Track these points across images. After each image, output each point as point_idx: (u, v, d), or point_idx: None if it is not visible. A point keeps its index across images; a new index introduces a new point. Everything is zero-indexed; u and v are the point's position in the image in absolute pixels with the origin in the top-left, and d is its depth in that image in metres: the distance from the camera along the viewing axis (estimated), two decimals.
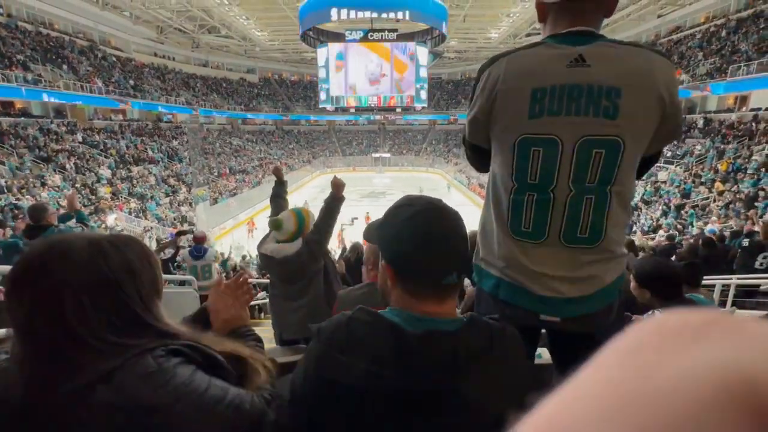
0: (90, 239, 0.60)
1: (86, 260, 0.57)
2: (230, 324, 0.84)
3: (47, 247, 0.57)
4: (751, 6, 17.99)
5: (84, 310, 0.55)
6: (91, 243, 0.59)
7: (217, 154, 27.02)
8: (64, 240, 0.58)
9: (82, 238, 0.59)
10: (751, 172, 12.30)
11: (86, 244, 0.58)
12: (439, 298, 0.68)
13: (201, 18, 23.60)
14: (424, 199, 0.70)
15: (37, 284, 0.55)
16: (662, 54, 0.88)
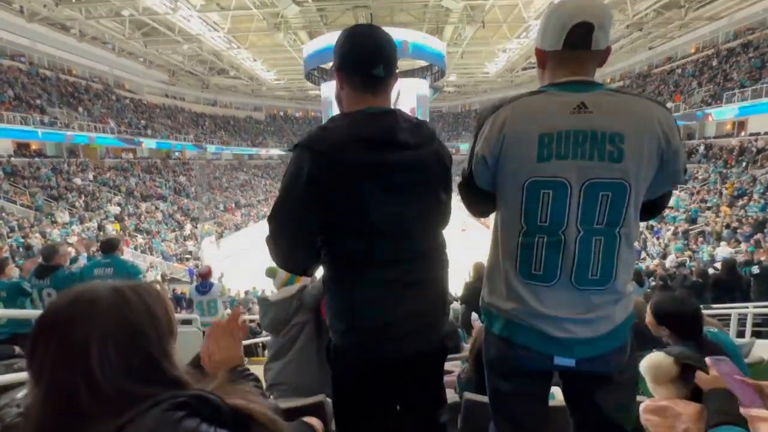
0: (114, 287, 0.61)
1: (112, 308, 0.58)
2: (224, 365, 0.83)
3: (75, 296, 0.59)
4: (738, 36, 18.68)
5: (108, 360, 0.55)
6: (115, 291, 0.61)
7: (224, 189, 27.50)
8: (90, 289, 0.60)
9: (106, 287, 0.61)
10: (756, 197, 12.24)
11: (111, 292, 0.60)
12: (372, 89, 0.97)
13: (211, 61, 24.84)
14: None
15: (65, 333, 0.55)
16: (659, 102, 0.93)
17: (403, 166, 0.95)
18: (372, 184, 0.93)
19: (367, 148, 0.92)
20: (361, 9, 18.14)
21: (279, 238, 0.99)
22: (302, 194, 0.91)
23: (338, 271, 1.01)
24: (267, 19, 17.86)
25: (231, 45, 20.83)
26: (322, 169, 0.90)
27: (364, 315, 0.98)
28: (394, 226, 0.96)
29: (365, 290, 0.98)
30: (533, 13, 17.96)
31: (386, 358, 1.01)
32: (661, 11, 18.16)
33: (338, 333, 1.02)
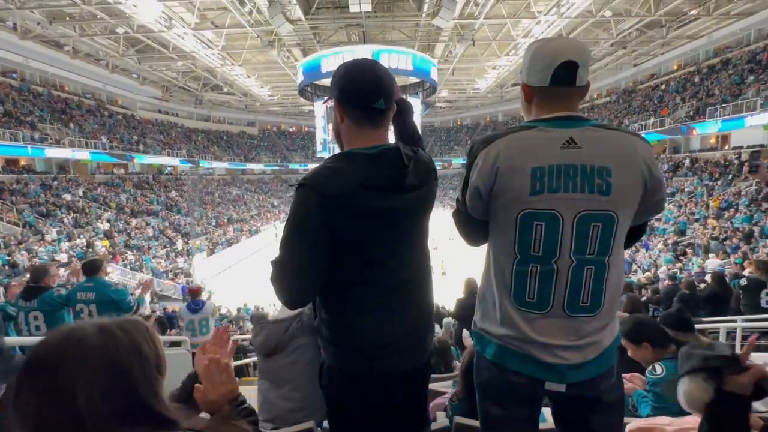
0: (101, 326, 0.61)
1: (99, 349, 0.58)
2: (221, 402, 0.82)
3: (62, 337, 0.58)
4: (718, 54, 19.39)
5: (95, 402, 0.55)
6: (102, 330, 0.60)
7: (216, 204, 27.34)
8: (77, 328, 0.60)
9: (93, 326, 0.60)
10: (742, 208, 12.50)
11: (98, 331, 0.59)
12: (373, 122, 1.01)
13: (205, 77, 25.04)
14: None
15: (52, 376, 0.55)
16: (639, 136, 0.98)
17: (409, 207, 1.03)
18: (377, 225, 0.99)
19: (377, 194, 0.97)
20: (353, 27, 18.53)
21: (287, 278, 1.01)
22: (312, 236, 0.95)
23: (333, 295, 1.06)
24: (261, 37, 18.13)
25: (225, 62, 21.05)
26: (331, 213, 0.93)
27: (360, 336, 1.04)
28: (392, 256, 1.03)
29: (360, 313, 1.03)
30: (521, 31, 18.49)
31: (379, 377, 1.05)
32: (643, 30, 18.82)
33: (332, 354, 1.07)
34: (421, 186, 1.04)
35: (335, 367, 1.08)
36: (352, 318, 1.04)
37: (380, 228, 0.99)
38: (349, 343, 1.05)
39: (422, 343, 1.12)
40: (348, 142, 1.04)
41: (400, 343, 1.06)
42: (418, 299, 1.10)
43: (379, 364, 1.05)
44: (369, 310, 1.03)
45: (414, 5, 16.68)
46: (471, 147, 1.05)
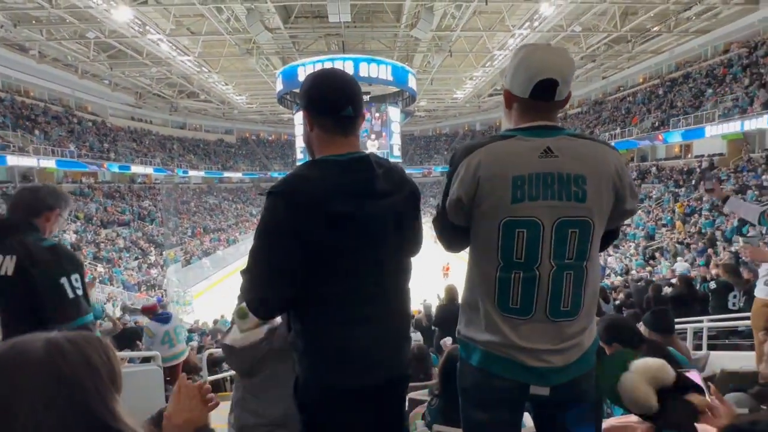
0: (48, 339, 0.58)
1: (43, 361, 0.55)
2: (187, 427, 0.79)
3: (6, 348, 0.56)
4: (679, 68, 20.57)
5: (38, 415, 0.52)
6: (48, 343, 0.57)
7: (192, 214, 26.60)
8: (23, 340, 0.57)
9: (39, 339, 0.58)
10: (706, 213, 13.17)
11: (44, 344, 0.57)
12: (343, 130, 1.01)
13: (180, 84, 24.52)
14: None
15: None
16: (610, 145, 1.03)
17: (380, 214, 1.00)
18: (349, 232, 0.97)
19: (346, 200, 0.95)
20: (333, 37, 18.63)
21: (257, 289, 1.00)
22: (281, 244, 0.94)
23: (307, 306, 1.02)
24: (239, 45, 17.97)
25: (202, 69, 20.71)
26: (301, 221, 0.92)
27: (335, 347, 1.01)
28: (367, 268, 1.01)
29: (335, 324, 1.00)
30: (496, 43, 19.07)
31: (356, 389, 1.02)
32: (611, 45, 19.77)
33: (306, 367, 1.03)
34: (393, 193, 1.03)
35: (311, 380, 1.04)
36: (326, 329, 1.01)
37: (352, 235, 0.97)
38: (324, 354, 1.02)
39: (399, 354, 1.10)
40: (319, 151, 1.04)
41: (377, 355, 1.03)
42: (394, 310, 1.08)
43: (355, 377, 1.02)
44: (343, 321, 1.00)
45: (393, 16, 16.96)
46: (452, 156, 1.06)
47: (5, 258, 1.13)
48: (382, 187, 1.00)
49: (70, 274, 1.19)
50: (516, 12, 16.33)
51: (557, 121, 1.04)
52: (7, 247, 1.14)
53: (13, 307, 1.12)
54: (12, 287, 1.11)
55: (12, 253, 1.14)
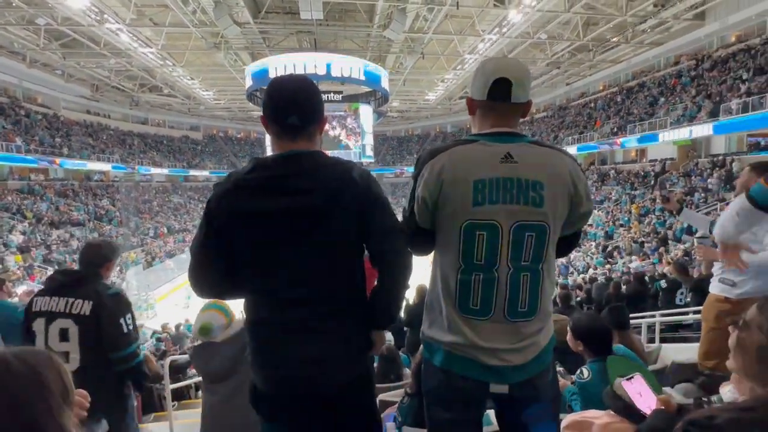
0: None
1: None
2: None
3: None
4: (636, 78, 21.89)
5: None
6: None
7: (154, 213, 25.39)
8: None
9: None
10: (658, 214, 14.07)
11: None
12: (290, 136, 1.03)
13: (142, 77, 23.33)
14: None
15: None
16: (568, 154, 1.07)
17: (291, 212, 0.97)
18: (259, 231, 0.98)
19: (252, 195, 0.98)
20: (305, 34, 18.36)
21: (191, 270, 1.07)
22: (206, 235, 1.02)
23: (247, 311, 1.06)
24: (206, 38, 17.33)
25: (165, 62, 19.81)
26: (214, 213, 1.00)
27: (265, 356, 1.04)
28: (286, 267, 1.00)
29: (265, 331, 1.03)
30: (467, 47, 19.50)
31: (292, 398, 1.03)
32: (574, 53, 20.72)
33: (254, 373, 1.07)
34: (312, 191, 0.97)
35: (256, 385, 1.07)
36: (253, 330, 1.05)
37: (260, 232, 0.98)
38: (257, 359, 1.05)
39: (332, 370, 1.03)
40: (273, 152, 1.08)
41: (303, 370, 1.00)
42: (323, 315, 1.01)
43: (286, 388, 1.02)
44: (266, 324, 1.03)
45: (365, 16, 16.94)
46: (418, 159, 1.09)
47: (84, 302, 1.57)
48: (297, 184, 0.97)
49: (125, 315, 1.63)
50: (486, 17, 16.76)
51: (517, 128, 1.07)
52: (84, 294, 1.59)
53: (87, 337, 1.55)
54: (87, 323, 1.56)
55: (88, 298, 1.58)
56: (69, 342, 1.53)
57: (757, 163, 2.04)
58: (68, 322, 1.53)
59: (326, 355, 1.01)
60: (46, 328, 1.54)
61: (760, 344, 0.68)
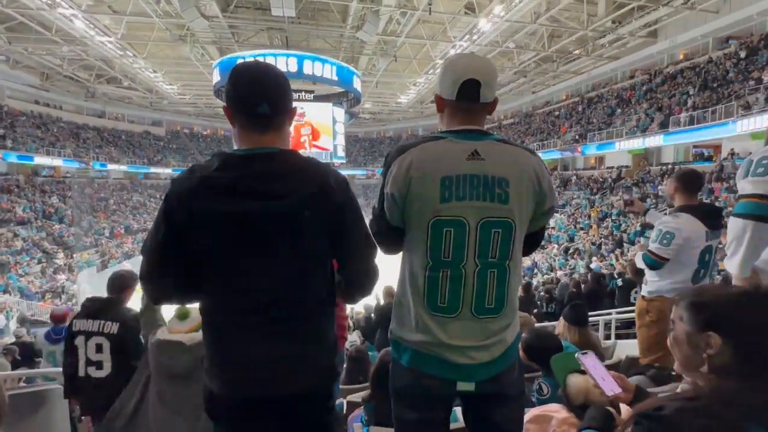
0: None
1: None
2: None
3: None
4: (595, 89, 23.15)
5: None
6: None
7: (111, 212, 23.94)
8: None
9: None
10: (614, 217, 14.91)
11: None
12: (258, 127, 0.95)
13: (99, 67, 21.96)
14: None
15: None
16: (532, 151, 1.08)
17: (262, 217, 0.90)
18: (224, 235, 0.91)
19: (217, 197, 0.89)
20: (276, 31, 18.00)
21: (144, 274, 0.98)
22: (163, 235, 0.93)
23: (206, 314, 0.99)
24: (170, 30, 16.57)
25: (125, 53, 18.76)
26: (173, 213, 0.91)
27: (223, 357, 0.97)
28: (254, 278, 0.93)
29: (224, 333, 0.97)
30: (439, 53, 19.84)
31: (254, 402, 0.97)
32: (539, 63, 21.63)
33: (209, 377, 0.99)
34: (284, 196, 0.90)
35: (213, 391, 0.98)
36: (212, 331, 0.99)
37: (227, 235, 0.90)
38: (213, 362, 0.98)
39: (288, 369, 0.98)
40: (238, 147, 0.99)
41: (255, 366, 0.95)
42: (289, 321, 0.96)
43: (248, 392, 0.96)
44: (227, 329, 0.96)
45: (339, 17, 16.84)
46: (386, 156, 1.08)
47: (112, 323, 2.04)
48: (268, 187, 0.90)
49: (141, 331, 1.98)
50: (457, 24, 17.14)
51: (484, 126, 1.09)
52: (112, 316, 2.07)
53: (116, 349, 2.03)
54: (115, 339, 2.03)
55: (115, 320, 2.05)
56: (103, 353, 2.02)
57: (678, 174, 2.24)
58: (102, 339, 2.03)
59: (283, 359, 0.96)
60: (85, 343, 2.03)
61: (686, 332, 0.72)
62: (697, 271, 2.12)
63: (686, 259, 2.10)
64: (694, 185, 2.19)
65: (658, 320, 2.22)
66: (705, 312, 0.70)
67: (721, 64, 15.36)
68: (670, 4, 14.03)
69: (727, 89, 13.77)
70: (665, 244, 2.09)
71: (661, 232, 2.12)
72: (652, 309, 2.26)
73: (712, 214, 2.14)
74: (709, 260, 2.13)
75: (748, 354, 0.64)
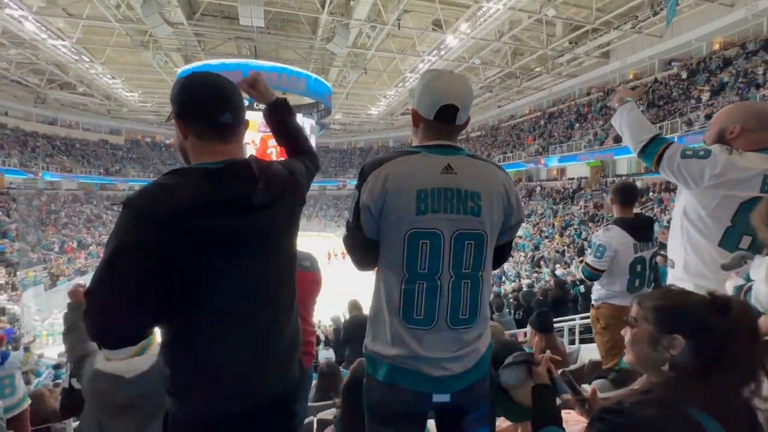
0: None
1: None
2: None
3: None
4: (556, 104, 24.46)
5: None
6: None
7: (61, 226, 22.36)
8: None
9: None
10: (576, 226, 15.63)
11: None
12: (222, 137, 0.93)
13: (51, 72, 20.69)
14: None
15: None
16: (501, 168, 1.13)
17: (258, 228, 0.91)
18: (218, 250, 0.86)
19: (216, 214, 0.84)
20: (245, 41, 17.74)
21: (105, 317, 0.81)
22: (138, 266, 0.79)
23: (185, 334, 0.90)
24: (131, 36, 15.94)
25: (81, 57, 17.82)
26: (161, 238, 0.79)
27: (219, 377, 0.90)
28: (239, 285, 0.90)
29: (218, 352, 0.90)
30: (408, 66, 20.29)
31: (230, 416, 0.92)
32: (504, 79, 22.60)
33: (182, 401, 0.91)
34: (274, 203, 0.94)
35: (179, 414, 0.92)
36: (193, 353, 0.90)
37: (222, 253, 0.87)
38: (193, 383, 0.90)
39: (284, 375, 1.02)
40: (195, 160, 0.95)
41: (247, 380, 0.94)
42: (275, 325, 0.99)
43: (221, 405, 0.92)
44: (215, 344, 0.90)
45: (309, 28, 16.87)
46: (362, 169, 1.09)
47: None
48: (261, 199, 0.90)
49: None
50: (426, 39, 17.64)
51: (457, 143, 1.13)
52: None
53: None
54: None
55: None
56: None
57: (614, 187, 2.39)
58: None
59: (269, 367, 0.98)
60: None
61: (650, 333, 0.77)
62: (631, 281, 2.24)
63: (617, 270, 2.23)
64: (628, 198, 2.33)
65: (607, 326, 2.33)
66: (672, 316, 0.75)
67: (666, 84, 16.69)
68: (619, 27, 15.16)
69: (671, 107, 14.96)
70: (599, 256, 2.22)
71: (594, 245, 2.26)
72: (600, 316, 2.37)
73: (642, 226, 2.29)
74: (643, 271, 2.25)
75: (707, 355, 0.70)
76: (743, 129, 1.38)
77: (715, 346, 0.70)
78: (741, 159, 1.30)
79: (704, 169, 1.33)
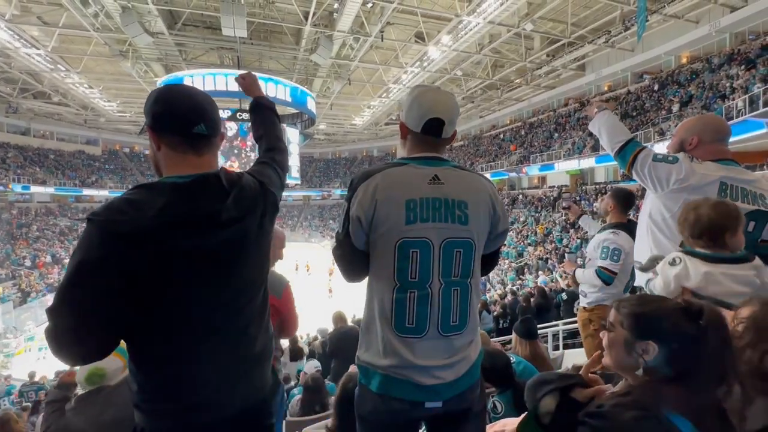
0: None
1: None
2: None
3: None
4: (535, 115, 25.15)
5: None
6: None
7: (33, 239, 21.47)
8: None
9: None
10: (557, 233, 15.96)
11: None
12: (195, 149, 0.92)
13: (24, 81, 20.07)
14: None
15: None
16: (486, 178, 1.17)
17: (228, 244, 0.89)
18: (190, 269, 0.85)
19: (184, 232, 0.82)
20: (227, 51, 17.67)
21: (68, 337, 0.79)
22: (101, 285, 0.76)
23: (150, 347, 0.87)
24: (110, 45, 15.66)
25: (57, 66, 17.38)
26: (126, 257, 0.77)
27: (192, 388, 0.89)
28: (219, 303, 0.90)
29: (185, 365, 0.88)
30: (392, 77, 20.56)
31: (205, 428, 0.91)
32: (485, 90, 23.15)
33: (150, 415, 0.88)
34: (243, 218, 0.92)
35: (147, 429, 0.89)
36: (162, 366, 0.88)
37: (188, 270, 0.85)
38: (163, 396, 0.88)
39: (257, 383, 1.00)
40: (167, 172, 0.93)
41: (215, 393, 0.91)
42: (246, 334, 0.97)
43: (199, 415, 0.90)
44: (174, 360, 0.88)
45: (292, 39, 16.94)
46: (351, 181, 1.11)
47: None
48: (230, 215, 0.88)
49: None
50: (408, 51, 17.96)
51: (444, 154, 1.16)
52: None
53: None
54: None
55: None
56: None
57: (615, 192, 2.47)
58: None
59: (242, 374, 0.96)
60: None
61: (625, 338, 0.79)
62: (627, 283, 2.33)
63: (622, 272, 2.30)
64: (629, 204, 2.42)
65: (600, 328, 2.37)
66: (646, 322, 0.77)
67: (638, 95, 17.40)
68: (594, 42, 15.79)
69: (644, 117, 15.58)
70: (616, 260, 2.28)
71: (609, 249, 2.30)
72: (594, 318, 2.42)
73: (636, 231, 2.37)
74: (633, 272, 2.35)
75: (679, 360, 0.73)
76: (700, 141, 1.51)
77: (687, 352, 0.73)
78: (700, 167, 1.43)
79: (671, 173, 1.44)
